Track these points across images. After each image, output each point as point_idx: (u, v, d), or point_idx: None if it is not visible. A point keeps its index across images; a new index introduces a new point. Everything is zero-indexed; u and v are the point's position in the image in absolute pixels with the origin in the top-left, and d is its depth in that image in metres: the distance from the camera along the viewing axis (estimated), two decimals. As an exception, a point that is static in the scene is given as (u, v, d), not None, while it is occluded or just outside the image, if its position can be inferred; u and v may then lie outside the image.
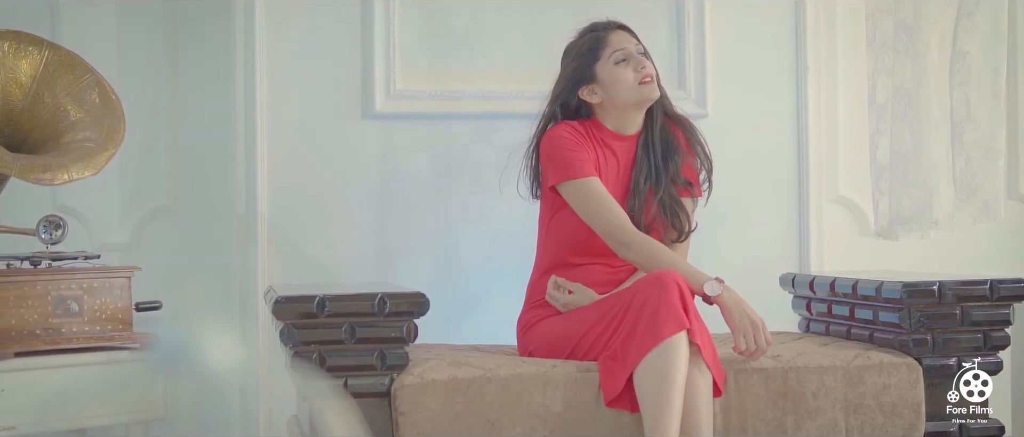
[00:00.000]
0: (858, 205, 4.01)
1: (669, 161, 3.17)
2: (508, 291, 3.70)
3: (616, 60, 3.13)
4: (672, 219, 3.15)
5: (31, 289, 2.95)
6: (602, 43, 3.15)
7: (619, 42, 3.15)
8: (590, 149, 3.14)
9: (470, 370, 2.92)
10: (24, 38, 3.11)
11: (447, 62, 3.83)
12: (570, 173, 3.09)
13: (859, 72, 3.92)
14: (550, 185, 3.16)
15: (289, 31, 3.75)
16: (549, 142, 3.15)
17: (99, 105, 3.12)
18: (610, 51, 3.14)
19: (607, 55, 3.14)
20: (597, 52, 3.15)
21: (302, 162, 3.75)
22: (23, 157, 3.00)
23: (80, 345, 3.00)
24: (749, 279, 3.82)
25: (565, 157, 3.10)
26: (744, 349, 2.92)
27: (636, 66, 3.12)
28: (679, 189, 3.19)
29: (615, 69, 3.13)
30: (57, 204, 3.64)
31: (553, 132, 3.16)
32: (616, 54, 3.13)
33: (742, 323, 2.92)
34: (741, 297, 2.96)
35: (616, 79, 3.13)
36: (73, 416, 2.95)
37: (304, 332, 2.88)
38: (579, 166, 3.09)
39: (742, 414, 2.95)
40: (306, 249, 3.75)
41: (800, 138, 3.97)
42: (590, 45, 3.16)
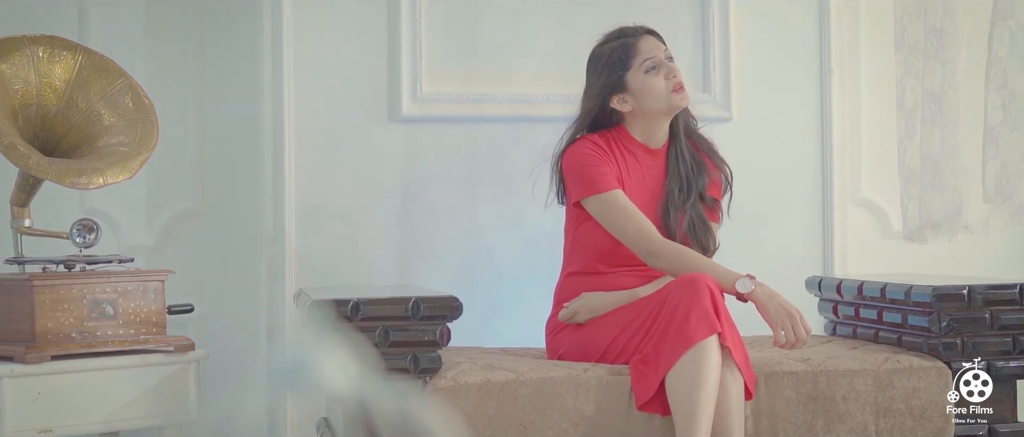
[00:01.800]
0: (881, 207, 4.02)
1: (698, 177, 3.18)
2: (535, 294, 3.71)
3: (647, 68, 3.14)
4: (699, 236, 3.15)
5: (67, 292, 2.96)
6: (632, 51, 3.16)
7: (649, 49, 3.15)
8: (613, 162, 3.16)
9: (502, 373, 2.94)
10: (58, 43, 3.12)
11: (474, 65, 3.84)
12: (593, 188, 3.11)
13: (883, 74, 3.93)
14: (574, 201, 3.18)
15: (316, 34, 3.76)
16: (572, 158, 3.17)
17: (133, 110, 3.14)
18: (640, 59, 3.14)
19: (638, 64, 3.14)
20: (627, 61, 3.15)
21: (329, 165, 3.77)
22: (58, 161, 3.02)
23: (115, 348, 3.01)
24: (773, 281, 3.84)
25: (587, 173, 3.12)
26: (784, 342, 2.91)
27: (667, 74, 3.13)
28: (704, 207, 3.20)
29: (646, 78, 3.14)
30: (85, 207, 3.66)
31: (575, 148, 3.18)
32: (647, 62, 3.14)
33: (779, 316, 2.92)
34: (774, 290, 2.96)
35: (647, 88, 3.14)
36: (107, 419, 2.97)
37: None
38: (601, 180, 3.11)
39: (772, 418, 2.97)
40: (333, 252, 3.76)
41: (824, 141, 3.98)
42: (620, 54, 3.16)
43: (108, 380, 2.99)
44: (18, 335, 2.94)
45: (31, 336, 2.92)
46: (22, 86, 3.05)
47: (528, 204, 3.81)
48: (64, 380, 2.93)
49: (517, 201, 3.82)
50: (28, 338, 2.92)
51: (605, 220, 3.10)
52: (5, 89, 3.01)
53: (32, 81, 3.06)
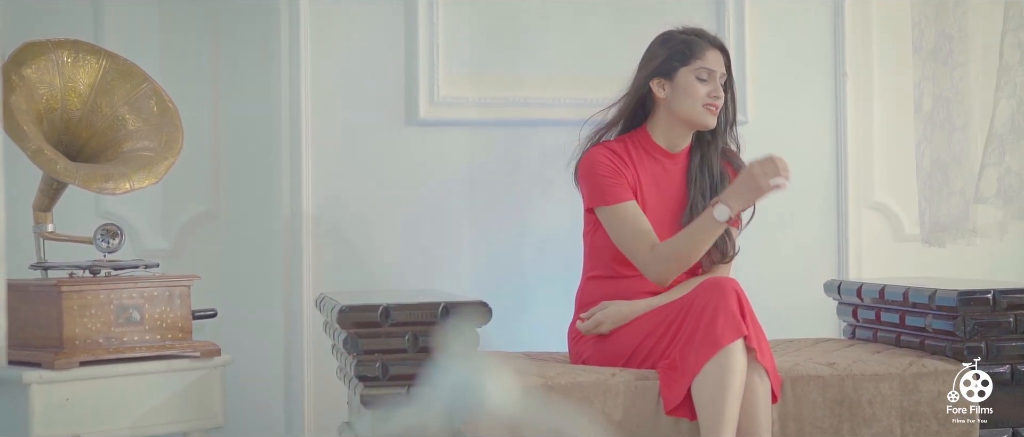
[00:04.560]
0: (893, 210, 4.04)
1: (722, 187, 3.19)
2: (552, 297, 3.72)
3: (699, 75, 3.15)
4: (718, 242, 3.16)
5: (94, 298, 2.95)
6: (698, 52, 3.16)
7: (711, 62, 3.16)
8: (630, 168, 3.17)
9: (531, 378, 2.94)
10: (82, 47, 3.11)
11: (491, 68, 3.84)
12: (602, 199, 3.14)
13: (896, 78, 3.95)
14: (587, 207, 3.20)
15: (333, 36, 3.75)
16: (587, 166, 3.19)
17: (157, 114, 3.13)
18: (699, 64, 3.15)
19: (695, 66, 3.15)
20: (688, 58, 3.16)
21: (346, 169, 3.76)
22: (85, 166, 3.01)
23: (142, 354, 3.00)
24: (790, 284, 3.87)
25: (600, 183, 3.14)
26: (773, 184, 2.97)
27: (712, 91, 3.14)
28: None
29: (693, 81, 3.15)
30: (100, 211, 3.64)
31: (590, 156, 3.19)
32: (702, 70, 3.15)
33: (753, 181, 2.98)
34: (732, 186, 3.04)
35: (689, 90, 3.14)
36: (134, 425, 2.95)
37: (367, 341, 2.89)
38: (612, 191, 3.13)
39: (799, 421, 2.98)
40: (350, 255, 3.76)
41: (839, 144, 3.99)
42: (686, 48, 3.17)
43: (136, 386, 2.97)
44: (46, 341, 2.93)
45: (59, 342, 2.90)
46: (47, 91, 3.04)
47: (544, 207, 3.83)
48: (92, 386, 2.91)
49: (534, 203, 3.83)
50: (56, 344, 2.91)
51: (611, 230, 3.14)
52: (30, 94, 2.99)
53: (57, 86, 3.05)
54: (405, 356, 2.90)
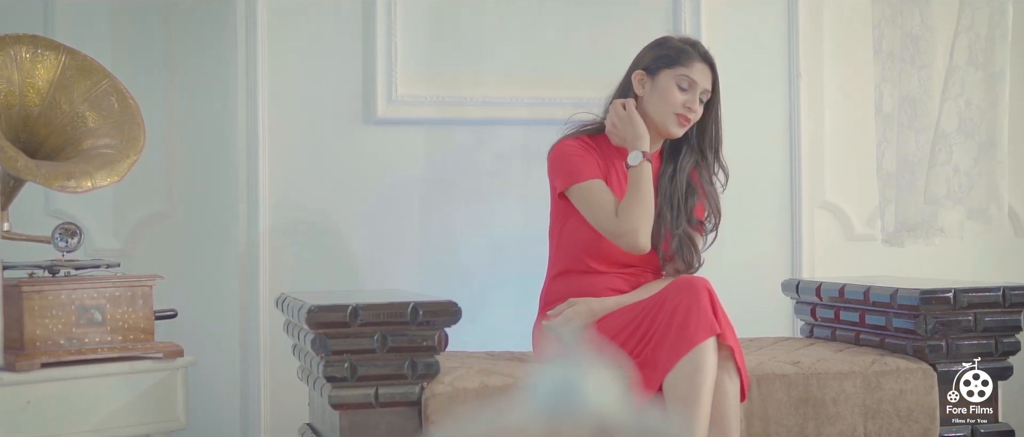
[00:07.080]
0: (843, 211, 4.08)
1: (689, 200, 3.19)
2: (508, 297, 3.72)
3: (680, 82, 3.14)
4: (684, 253, 3.17)
5: (55, 298, 2.89)
6: (684, 61, 3.14)
7: (696, 73, 3.14)
8: (602, 162, 3.16)
9: (500, 378, 2.93)
10: (41, 43, 3.03)
11: (448, 68, 3.82)
12: (574, 177, 3.11)
13: (849, 79, 3.99)
14: (558, 192, 3.18)
15: (291, 36, 3.72)
16: (557, 152, 3.17)
17: (118, 111, 3.06)
18: (683, 71, 3.13)
19: (679, 71, 3.13)
20: (675, 64, 3.14)
21: (303, 167, 3.72)
22: (46, 164, 2.94)
23: (104, 356, 2.94)
24: (745, 283, 3.89)
25: (569, 165, 3.13)
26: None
27: (688, 102, 3.13)
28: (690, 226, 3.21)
29: (672, 86, 3.13)
30: (50, 209, 3.58)
31: (561, 144, 3.18)
32: (684, 78, 3.13)
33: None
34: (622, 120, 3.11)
35: (666, 94, 3.13)
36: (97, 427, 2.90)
37: (336, 341, 2.87)
38: (583, 171, 3.11)
39: (765, 420, 3.00)
40: (307, 255, 3.72)
41: (793, 144, 4.02)
42: (676, 55, 3.15)
43: (98, 388, 2.91)
44: (6, 343, 2.85)
45: (20, 343, 2.84)
46: (5, 86, 2.96)
47: (500, 206, 3.82)
48: (54, 388, 2.85)
49: (490, 203, 3.82)
50: (16, 345, 2.84)
51: (582, 208, 3.10)
52: (-12, 90, 2.92)
53: (15, 81, 2.98)
54: (374, 356, 2.88)
